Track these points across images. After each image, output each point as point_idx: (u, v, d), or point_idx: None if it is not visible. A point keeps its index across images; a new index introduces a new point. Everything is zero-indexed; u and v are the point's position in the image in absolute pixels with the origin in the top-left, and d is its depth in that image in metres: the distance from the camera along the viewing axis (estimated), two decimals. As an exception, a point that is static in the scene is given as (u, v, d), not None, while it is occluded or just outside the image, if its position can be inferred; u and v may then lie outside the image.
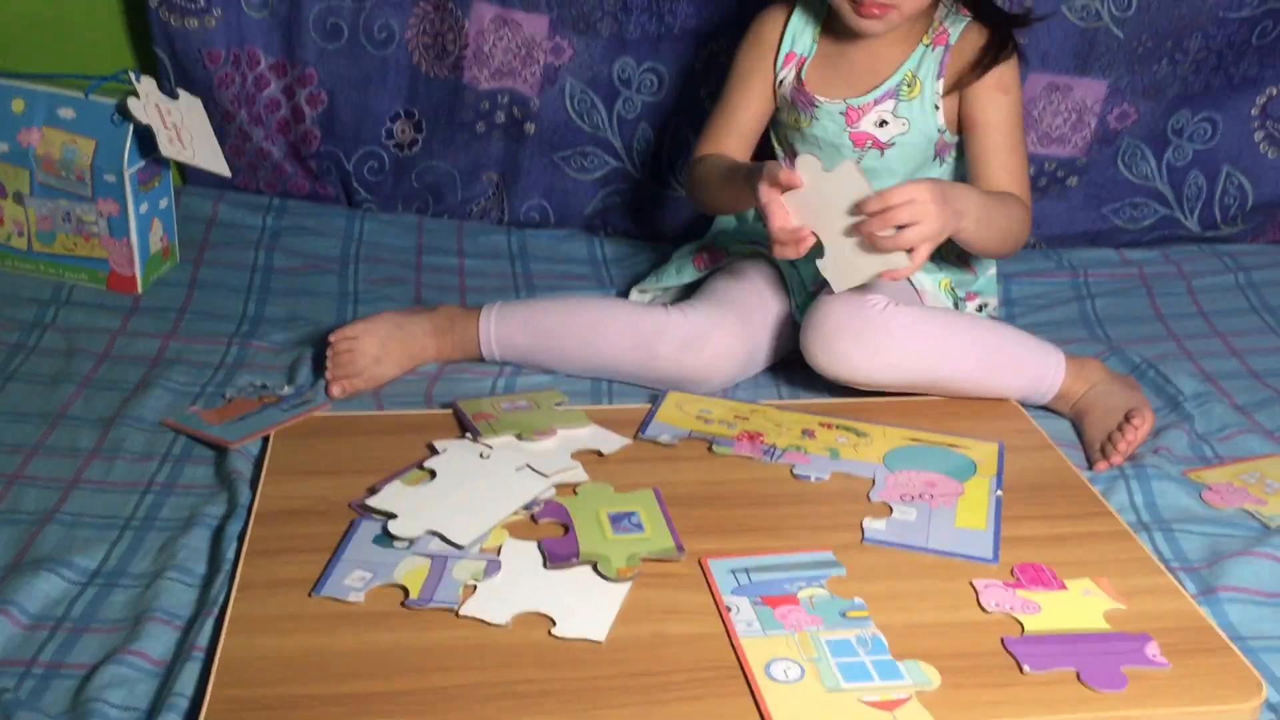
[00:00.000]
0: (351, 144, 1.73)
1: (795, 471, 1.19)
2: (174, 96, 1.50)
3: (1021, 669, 0.92)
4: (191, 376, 1.33)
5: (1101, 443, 1.25)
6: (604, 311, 1.37)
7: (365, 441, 1.21)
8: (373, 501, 1.09)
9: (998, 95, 1.36)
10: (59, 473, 1.15)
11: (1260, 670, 0.95)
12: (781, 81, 1.43)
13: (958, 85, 1.36)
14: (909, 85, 1.38)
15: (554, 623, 0.95)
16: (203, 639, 0.93)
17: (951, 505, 1.14)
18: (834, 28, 1.40)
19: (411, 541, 1.04)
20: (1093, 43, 1.64)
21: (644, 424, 1.25)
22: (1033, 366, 1.32)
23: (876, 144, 1.39)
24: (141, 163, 1.47)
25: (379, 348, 1.32)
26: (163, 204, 1.53)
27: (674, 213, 1.75)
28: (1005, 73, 1.36)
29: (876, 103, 1.38)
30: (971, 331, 1.31)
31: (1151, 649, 0.94)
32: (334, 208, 1.76)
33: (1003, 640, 0.95)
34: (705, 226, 1.75)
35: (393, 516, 1.06)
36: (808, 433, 1.25)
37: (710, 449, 1.22)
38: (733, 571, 1.02)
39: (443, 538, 1.04)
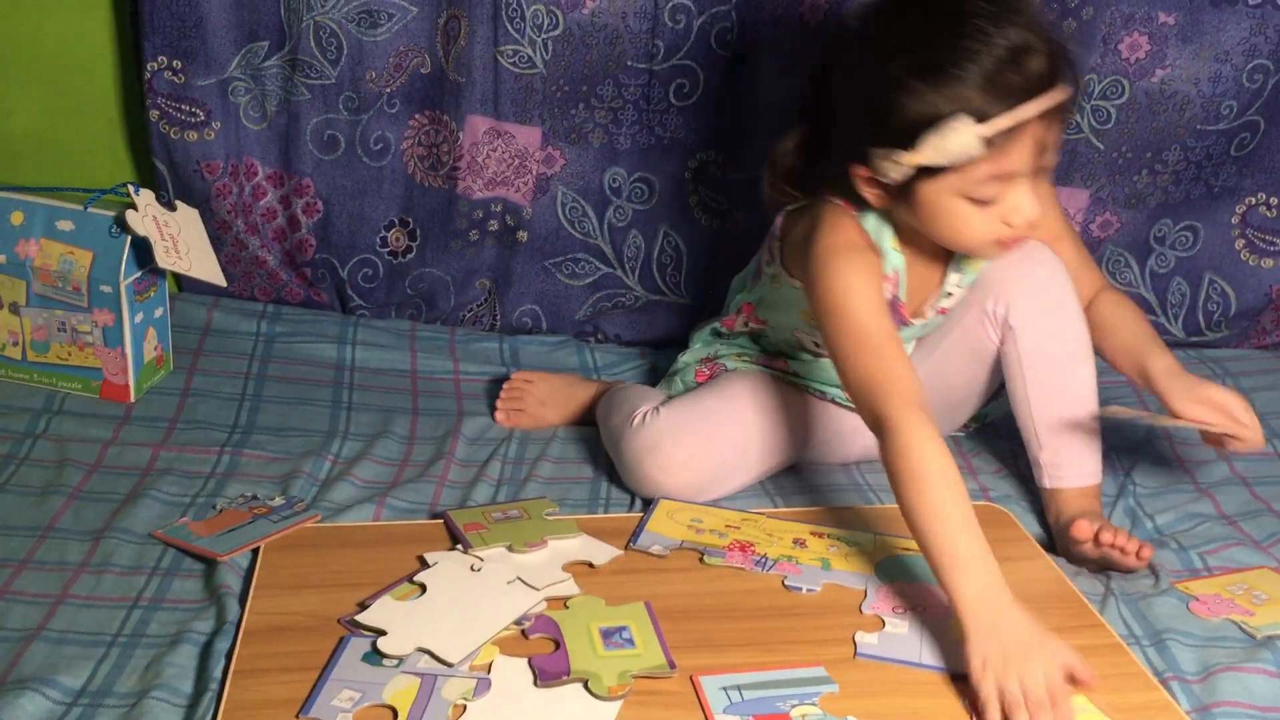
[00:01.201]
0: (346, 252, 1.75)
1: (787, 583, 1.18)
2: (171, 208, 1.52)
3: None
4: (182, 487, 1.33)
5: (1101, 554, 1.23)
6: (627, 399, 1.43)
7: (356, 553, 1.21)
8: (362, 618, 1.08)
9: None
10: (46, 587, 1.15)
11: (1258, 789, 0.94)
12: None
13: None
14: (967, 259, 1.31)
15: (544, 744, 0.94)
16: (188, 762, 0.92)
17: (944, 617, 1.13)
18: (910, 235, 1.27)
19: (401, 659, 1.03)
20: (1074, 154, 1.67)
21: (635, 534, 1.25)
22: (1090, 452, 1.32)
23: (943, 311, 1.35)
24: (138, 273, 1.49)
25: (547, 394, 1.53)
26: (158, 313, 1.54)
27: (664, 318, 1.77)
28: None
29: (947, 282, 1.32)
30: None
31: None
32: (328, 314, 1.77)
33: None
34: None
35: (382, 633, 1.06)
36: (799, 542, 1.25)
37: (701, 559, 1.22)
38: (725, 689, 1.01)
39: (433, 655, 1.03)
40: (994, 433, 1.52)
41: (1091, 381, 1.31)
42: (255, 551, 1.21)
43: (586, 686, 1.01)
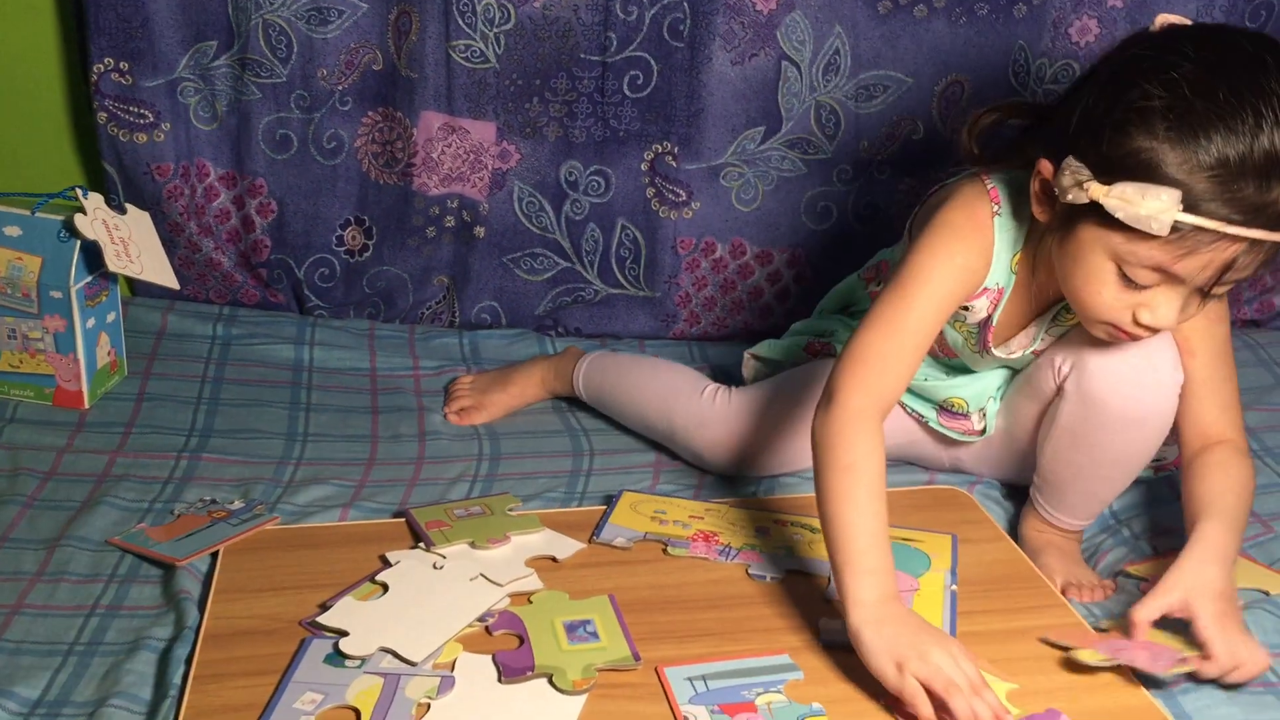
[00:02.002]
0: (302, 252, 1.74)
1: (751, 571, 1.18)
2: (121, 210, 1.50)
3: None
4: (139, 493, 1.31)
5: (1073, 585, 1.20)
6: (658, 373, 1.46)
7: (317, 554, 1.20)
8: (323, 619, 1.07)
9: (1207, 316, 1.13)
10: (1, 598, 1.13)
11: (1218, 761, 0.95)
12: (967, 307, 1.19)
13: None
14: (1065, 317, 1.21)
15: (509, 740, 0.94)
16: (148, 770, 0.91)
17: (908, 601, 1.13)
18: (1033, 263, 1.16)
19: (363, 660, 1.02)
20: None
21: (598, 527, 1.25)
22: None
23: (1038, 352, 1.24)
24: (89, 278, 1.47)
25: (489, 383, 1.55)
26: (110, 318, 1.52)
27: (625, 311, 1.77)
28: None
29: (1040, 327, 1.22)
30: None
31: None
32: (285, 315, 1.76)
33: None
34: (655, 325, 1.77)
35: (344, 634, 1.05)
36: (762, 531, 1.25)
37: (665, 551, 1.22)
38: (689, 679, 1.01)
39: (395, 654, 1.02)
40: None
41: (1103, 504, 1.25)
42: (214, 556, 1.19)
43: (551, 681, 1.00)
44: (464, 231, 1.73)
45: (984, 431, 1.32)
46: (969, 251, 1.14)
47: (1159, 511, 1.32)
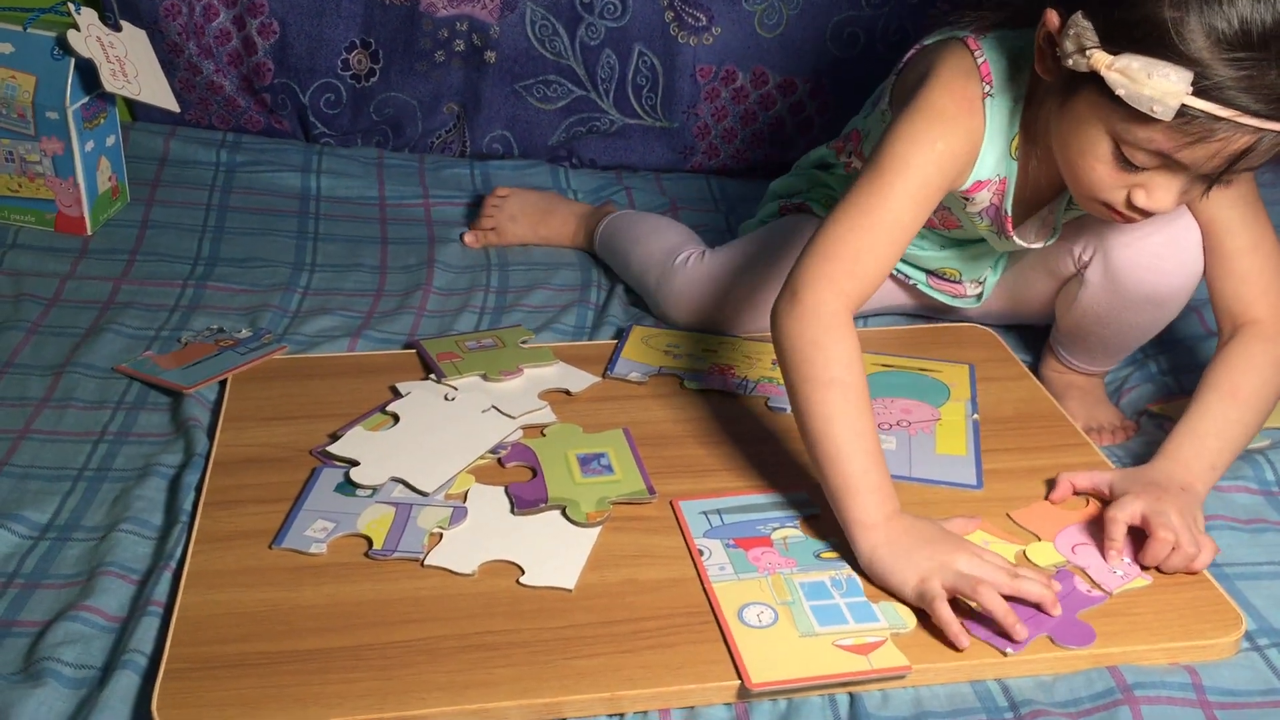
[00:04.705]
0: (306, 76, 1.67)
1: (770, 404, 1.16)
2: (117, 28, 1.44)
3: (1004, 654, 0.87)
4: (145, 320, 1.29)
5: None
6: (654, 234, 1.39)
7: (326, 384, 1.18)
8: (334, 448, 1.06)
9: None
10: (8, 423, 1.11)
11: (1236, 599, 0.94)
12: (968, 198, 1.10)
13: None
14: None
15: (522, 571, 0.93)
16: (160, 593, 0.90)
17: (930, 431, 1.12)
18: (1036, 141, 1.06)
19: (375, 489, 1.01)
20: None
21: (611, 362, 1.22)
22: None
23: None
24: (85, 99, 1.41)
25: (519, 209, 1.49)
26: (110, 141, 1.47)
27: (641, 143, 1.71)
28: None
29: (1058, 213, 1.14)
30: None
31: (1080, 584, 0.93)
32: (290, 143, 1.70)
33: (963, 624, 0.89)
34: (673, 158, 1.71)
35: (355, 464, 1.03)
36: (778, 363, 1.23)
37: (682, 385, 1.20)
38: (705, 513, 1.00)
39: (407, 484, 1.01)
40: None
41: (1124, 356, 1.22)
42: (222, 384, 1.17)
43: (565, 513, 0.99)
44: (474, 56, 1.66)
45: (979, 297, 1.28)
46: (951, 135, 1.02)
47: (1187, 346, 1.29)
